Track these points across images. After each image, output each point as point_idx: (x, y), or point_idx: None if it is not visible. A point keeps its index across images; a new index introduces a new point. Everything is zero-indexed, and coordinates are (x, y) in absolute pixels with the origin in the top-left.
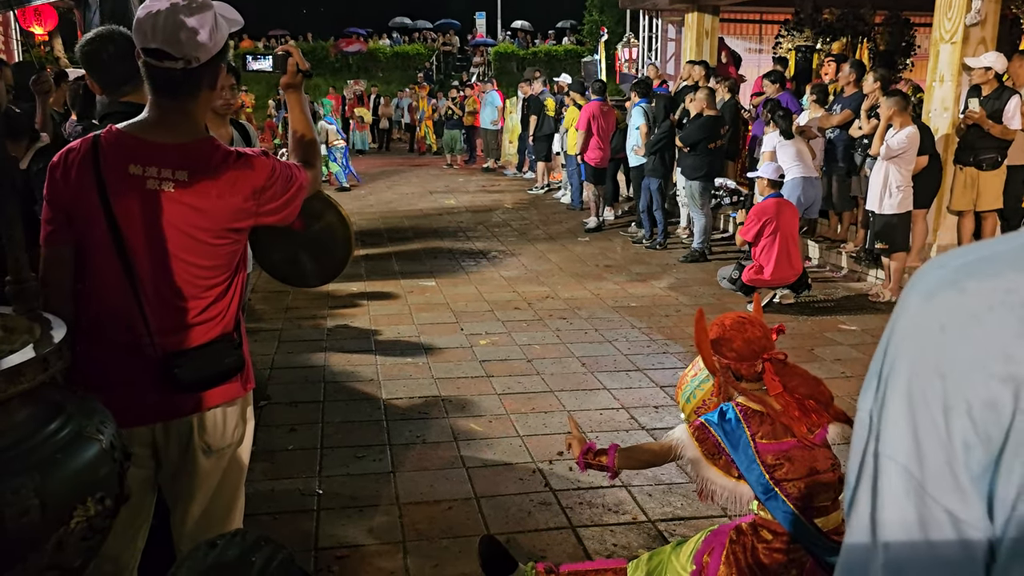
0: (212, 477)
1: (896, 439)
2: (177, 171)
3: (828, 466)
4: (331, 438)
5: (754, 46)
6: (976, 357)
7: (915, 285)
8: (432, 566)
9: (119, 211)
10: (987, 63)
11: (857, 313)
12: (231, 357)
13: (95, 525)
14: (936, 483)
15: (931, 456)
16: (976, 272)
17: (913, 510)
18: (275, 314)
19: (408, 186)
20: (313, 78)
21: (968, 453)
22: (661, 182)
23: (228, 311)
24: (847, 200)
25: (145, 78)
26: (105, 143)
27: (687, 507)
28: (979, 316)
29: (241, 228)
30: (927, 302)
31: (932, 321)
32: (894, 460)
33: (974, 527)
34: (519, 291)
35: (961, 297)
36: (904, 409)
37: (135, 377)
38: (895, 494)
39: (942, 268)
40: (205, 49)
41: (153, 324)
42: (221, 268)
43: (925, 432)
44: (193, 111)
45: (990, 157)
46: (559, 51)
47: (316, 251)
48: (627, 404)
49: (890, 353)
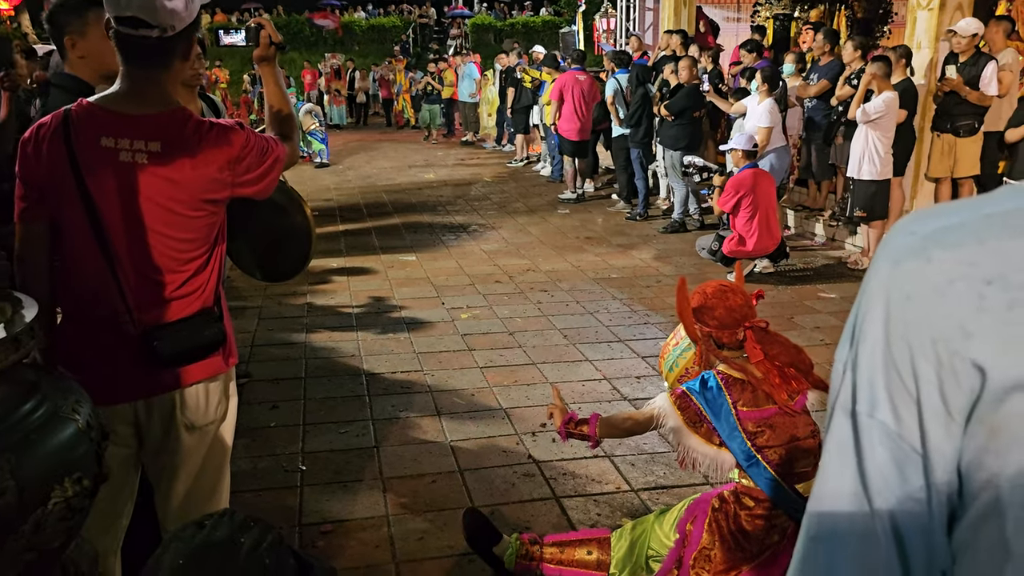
0: (196, 454)
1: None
2: (150, 142)
3: (808, 432)
4: (313, 414)
5: (732, 15)
6: (939, 330)
7: (885, 248)
8: (417, 539)
9: (92, 185)
10: (974, 30)
11: (836, 281)
12: (211, 330)
13: (74, 505)
14: (911, 435)
15: (904, 412)
16: (942, 241)
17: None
18: (255, 291)
19: (386, 160)
20: (288, 52)
21: (936, 419)
22: (640, 151)
23: (208, 284)
24: (826, 168)
25: (117, 48)
26: (76, 116)
27: (670, 476)
28: (941, 289)
29: (218, 200)
30: (895, 268)
31: (899, 289)
32: (872, 417)
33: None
34: (500, 264)
35: (927, 267)
36: (877, 369)
37: (115, 353)
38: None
39: (912, 235)
40: (180, 18)
41: (131, 299)
42: (199, 241)
43: (898, 395)
44: (165, 81)
45: (967, 124)
46: (537, 22)
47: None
48: (609, 375)
49: (861, 312)
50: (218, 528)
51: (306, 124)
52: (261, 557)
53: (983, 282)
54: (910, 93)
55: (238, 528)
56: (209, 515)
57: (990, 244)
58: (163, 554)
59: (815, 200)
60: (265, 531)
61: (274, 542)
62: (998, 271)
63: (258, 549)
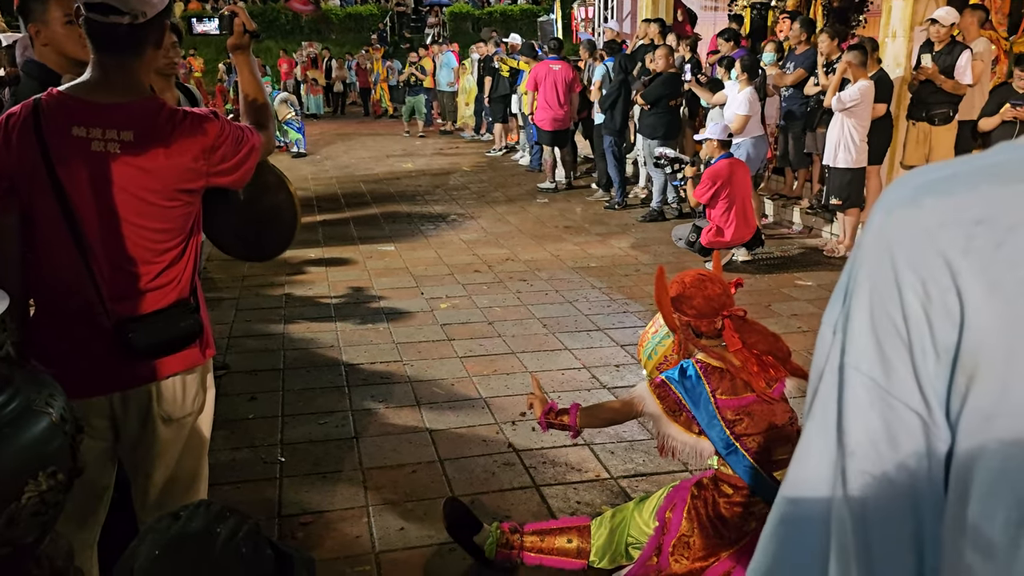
0: (173, 447)
1: (861, 349)
2: (122, 132)
3: (786, 420)
4: (292, 405)
5: (709, 3)
6: (929, 269)
7: (880, 202)
8: (397, 529)
9: (64, 175)
10: (954, 19)
11: (813, 269)
12: (187, 322)
13: (48, 500)
14: (901, 387)
15: (896, 361)
16: (933, 190)
17: (879, 417)
18: (232, 282)
19: (364, 150)
20: (264, 40)
21: (926, 361)
22: (614, 139)
23: (183, 275)
24: (802, 157)
25: (87, 36)
26: (46, 105)
27: (649, 464)
28: (931, 231)
29: (193, 189)
30: (887, 217)
31: (890, 235)
32: (858, 370)
33: (936, 435)
34: (479, 254)
35: (918, 212)
36: (867, 319)
37: (89, 346)
38: (860, 403)
39: (904, 187)
40: (151, 4)
41: (105, 291)
42: (174, 231)
43: (888, 340)
44: (137, 70)
45: (942, 112)
46: (515, 11)
47: (263, 226)
48: (588, 364)
49: (855, 267)
50: (194, 519)
51: (281, 113)
52: (237, 546)
53: (973, 223)
54: (884, 84)
55: (214, 518)
56: (185, 506)
57: (981, 189)
58: (139, 545)
59: (792, 189)
60: (241, 521)
61: (250, 532)
62: (988, 213)
63: (234, 539)
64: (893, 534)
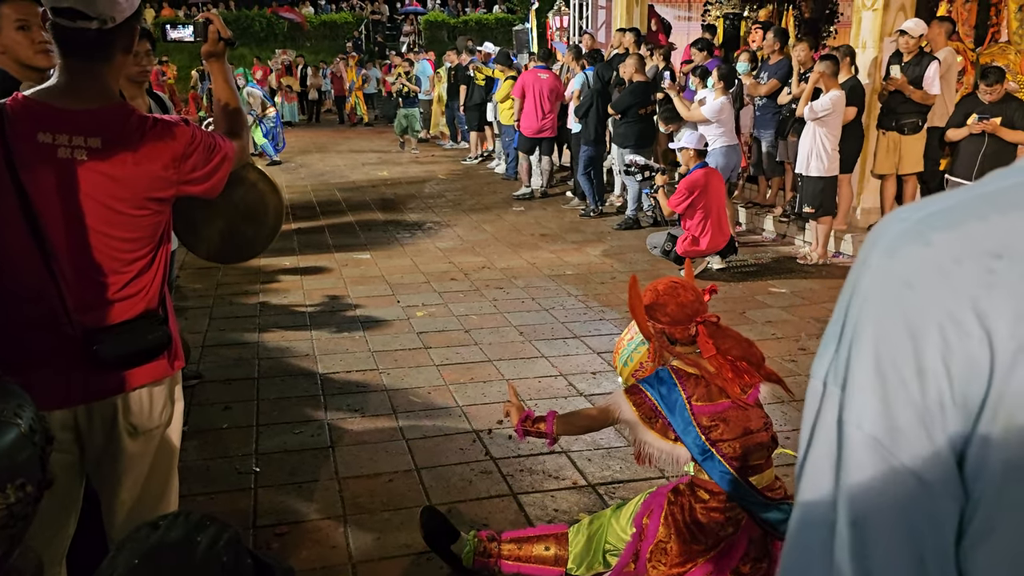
0: (141, 461)
1: (862, 406)
2: (90, 138)
3: (761, 425)
4: (267, 415)
5: (683, 13)
6: (948, 313)
7: (876, 242)
8: (374, 539)
9: (29, 182)
10: (922, 30)
11: (786, 276)
12: (155, 333)
13: (16, 512)
14: (908, 449)
15: (902, 421)
16: (940, 224)
17: (882, 480)
18: (205, 291)
19: (340, 158)
20: (238, 48)
21: (944, 415)
22: (590, 149)
23: (152, 286)
24: (775, 166)
25: (55, 41)
26: (11, 111)
27: (626, 470)
28: (946, 270)
29: (162, 198)
30: (890, 258)
31: (897, 278)
32: (860, 428)
33: (947, 494)
34: (455, 262)
35: (927, 250)
36: (871, 373)
37: (53, 357)
38: (861, 464)
39: (903, 222)
40: (120, 9)
41: (70, 300)
42: (143, 240)
43: (895, 396)
44: (106, 75)
45: (911, 121)
46: (490, 19)
47: (245, 221)
48: (565, 371)
49: (852, 316)
50: (173, 528)
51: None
52: (218, 555)
53: (992, 256)
54: (857, 91)
55: (194, 527)
56: (164, 516)
57: (993, 219)
58: (117, 556)
59: (765, 197)
60: (221, 530)
61: (231, 541)
62: (1006, 243)
63: (215, 548)
64: None
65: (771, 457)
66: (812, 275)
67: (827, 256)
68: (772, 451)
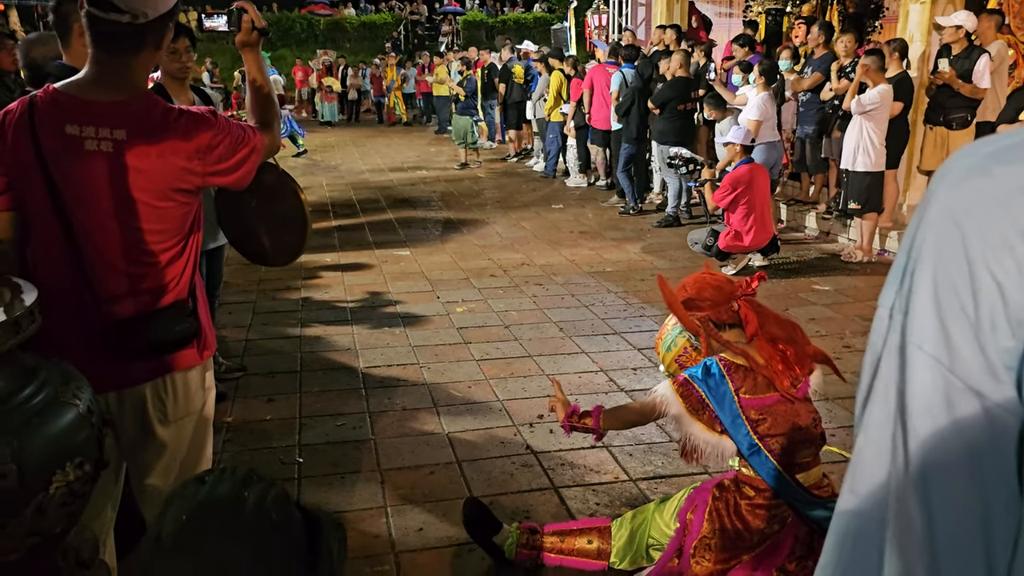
0: (172, 448)
1: (923, 327)
2: (115, 130)
3: (810, 421)
4: (310, 407)
5: (724, 10)
6: (1005, 237)
7: (943, 176)
8: (416, 529)
9: (57, 174)
10: (958, 21)
11: (830, 274)
12: (183, 324)
13: (75, 490)
14: (965, 367)
15: (959, 340)
16: (1004, 158)
17: (942, 396)
18: (248, 286)
19: (379, 157)
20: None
21: (996, 335)
22: (631, 146)
23: (182, 276)
24: (819, 162)
25: (87, 30)
26: (40, 103)
27: (668, 466)
28: (1007, 198)
29: (189, 190)
30: (955, 189)
31: (959, 207)
32: (921, 349)
33: (1006, 409)
34: (494, 258)
35: (990, 181)
36: (930, 296)
37: (84, 346)
38: (923, 383)
39: (970, 156)
40: (153, 5)
41: (99, 291)
42: (170, 232)
43: (953, 317)
44: (135, 68)
45: (960, 116)
46: (528, 19)
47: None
48: (605, 367)
49: (916, 244)
50: (220, 484)
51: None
52: (267, 512)
53: None
54: (906, 85)
55: (241, 483)
56: (209, 471)
57: None
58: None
59: (808, 194)
60: (269, 486)
61: (279, 497)
62: None
63: (262, 503)
64: (958, 518)
65: (819, 455)
66: (857, 272)
67: (872, 253)
68: (820, 448)
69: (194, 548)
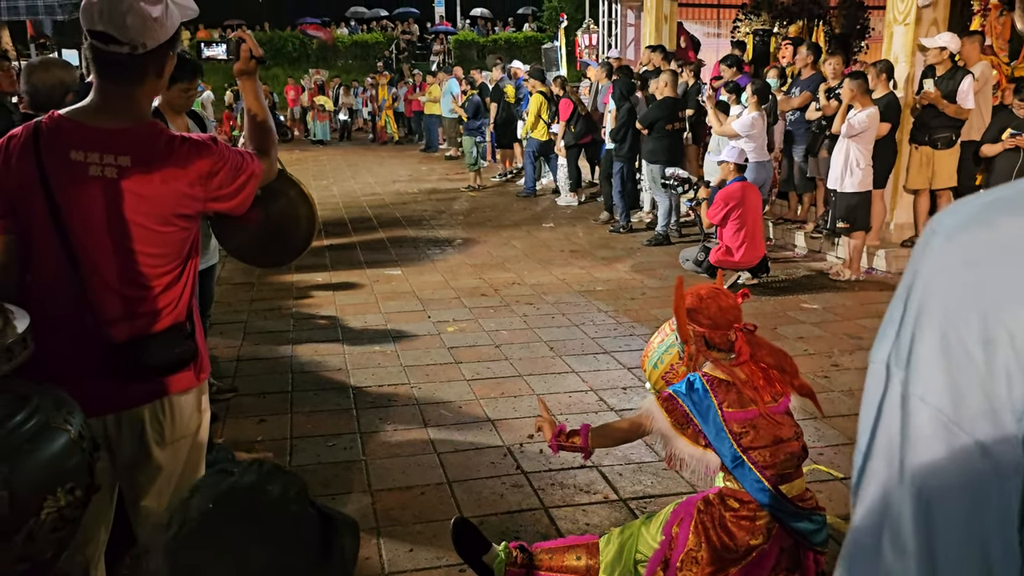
0: (168, 470)
1: (927, 380)
2: (120, 156)
3: (792, 434)
4: (300, 427)
5: (712, 30)
6: (1016, 288)
7: (935, 231)
8: (406, 551)
9: (61, 198)
10: (942, 43)
11: (818, 292)
12: (182, 347)
13: (66, 515)
14: (971, 419)
15: (967, 392)
16: (1003, 209)
17: (945, 450)
18: (240, 305)
19: (371, 176)
20: (271, 67)
21: (1011, 384)
22: (623, 166)
23: (180, 300)
24: (807, 181)
25: (91, 61)
26: (46, 129)
27: (657, 485)
28: (1013, 248)
29: (189, 215)
30: (952, 241)
31: (962, 259)
32: (924, 401)
33: (1011, 466)
34: (485, 278)
35: (992, 232)
36: (937, 348)
37: (83, 368)
38: (925, 436)
39: (969, 205)
40: (153, 36)
41: (100, 314)
42: (170, 256)
43: (960, 369)
44: (138, 96)
45: (944, 136)
46: (519, 38)
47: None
48: (595, 386)
49: (916, 297)
50: (246, 475)
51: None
52: (288, 505)
53: None
54: (893, 107)
55: (265, 476)
56: (236, 461)
57: None
58: (190, 499)
59: (796, 212)
60: (291, 481)
61: (300, 492)
62: None
63: (284, 497)
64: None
65: (801, 467)
66: (845, 291)
67: (860, 272)
68: (803, 461)
69: (216, 536)
